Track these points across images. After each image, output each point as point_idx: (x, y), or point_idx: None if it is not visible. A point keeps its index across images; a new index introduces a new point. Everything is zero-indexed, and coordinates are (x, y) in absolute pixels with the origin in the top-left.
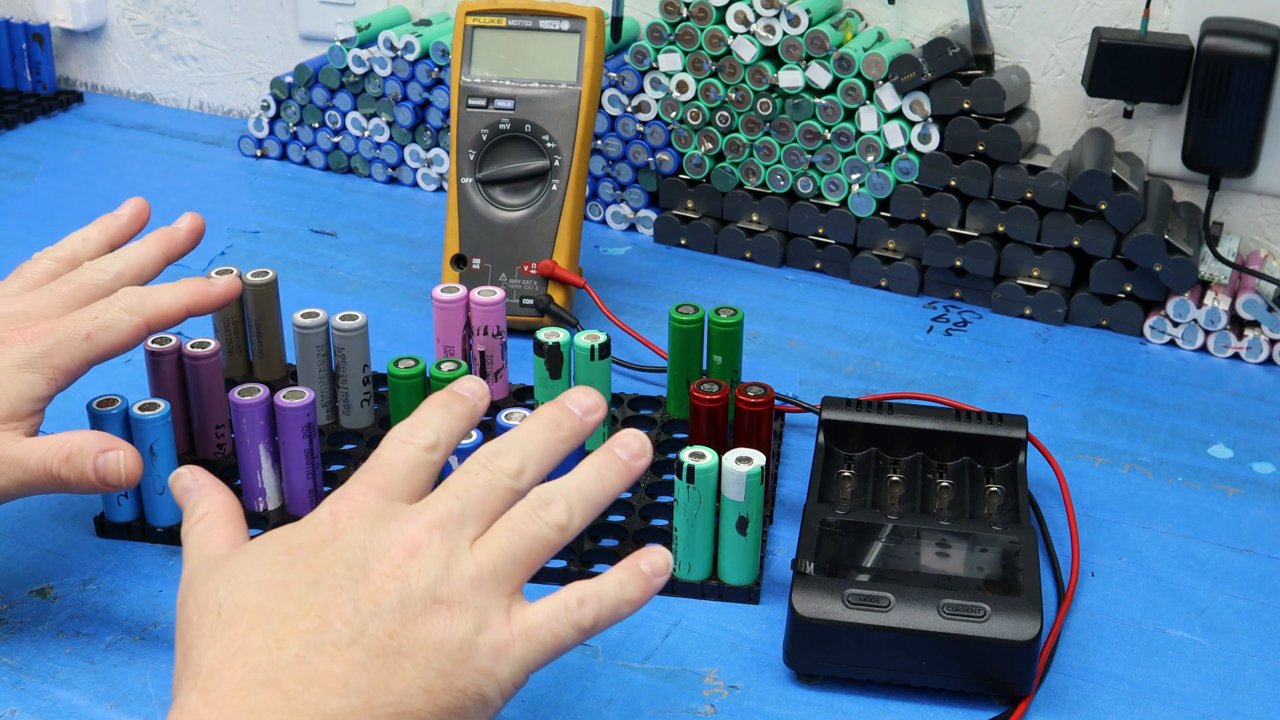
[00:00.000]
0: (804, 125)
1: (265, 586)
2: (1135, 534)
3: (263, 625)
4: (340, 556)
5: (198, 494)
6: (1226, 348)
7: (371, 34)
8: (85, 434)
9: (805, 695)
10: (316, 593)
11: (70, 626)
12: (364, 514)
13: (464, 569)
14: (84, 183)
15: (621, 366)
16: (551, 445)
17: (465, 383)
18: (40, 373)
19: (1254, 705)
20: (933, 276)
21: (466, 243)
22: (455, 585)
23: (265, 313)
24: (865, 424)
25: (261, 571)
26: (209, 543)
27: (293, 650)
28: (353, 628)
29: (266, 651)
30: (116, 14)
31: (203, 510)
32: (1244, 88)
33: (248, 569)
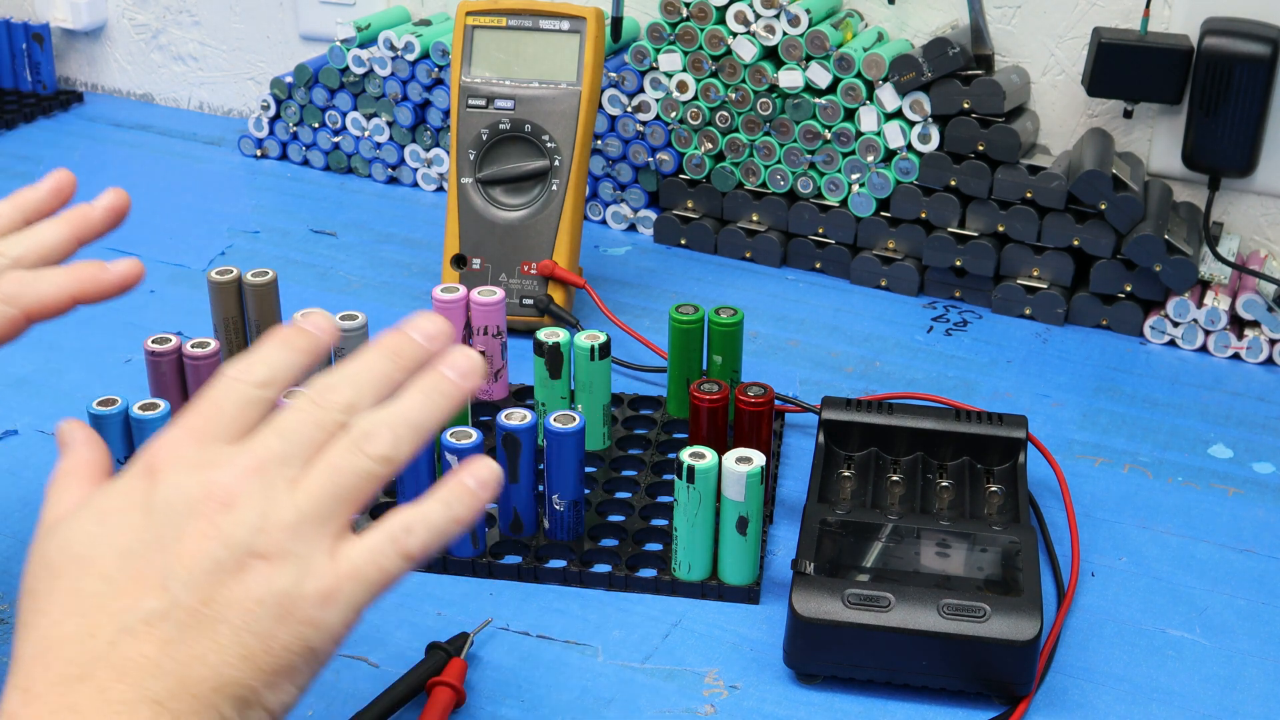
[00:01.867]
0: (804, 125)
1: (77, 562)
2: (1135, 534)
3: (74, 611)
4: (154, 517)
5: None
6: (1226, 348)
7: (371, 34)
8: None
9: (805, 695)
10: (128, 564)
11: None
12: (179, 464)
13: (283, 515)
14: (84, 183)
15: (621, 366)
16: (389, 376)
17: (313, 316)
18: None
19: (1254, 705)
20: (933, 276)
21: (466, 243)
22: (273, 535)
23: (265, 313)
24: (865, 424)
25: (74, 546)
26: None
27: (105, 636)
28: (164, 600)
29: (79, 641)
30: (116, 14)
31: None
32: (1244, 88)
33: (63, 542)
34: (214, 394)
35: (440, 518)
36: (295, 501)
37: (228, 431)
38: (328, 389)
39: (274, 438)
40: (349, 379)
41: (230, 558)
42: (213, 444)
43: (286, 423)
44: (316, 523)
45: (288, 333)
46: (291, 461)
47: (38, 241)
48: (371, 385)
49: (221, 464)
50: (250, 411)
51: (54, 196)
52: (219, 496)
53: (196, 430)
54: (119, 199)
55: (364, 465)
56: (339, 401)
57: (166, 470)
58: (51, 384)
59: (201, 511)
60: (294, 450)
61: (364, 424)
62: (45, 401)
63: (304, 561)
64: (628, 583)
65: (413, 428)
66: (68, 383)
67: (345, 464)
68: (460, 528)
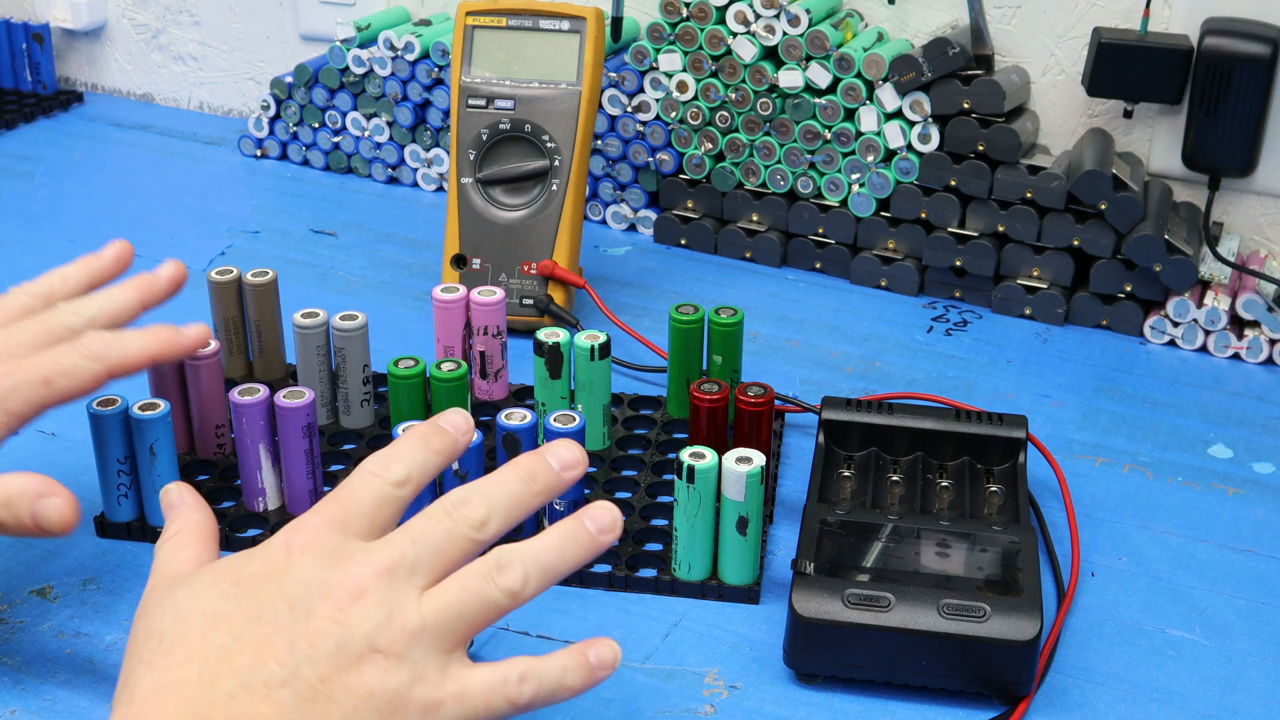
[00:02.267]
0: (804, 125)
1: (208, 617)
2: (1135, 534)
3: (199, 657)
4: (285, 592)
5: (176, 510)
6: (1226, 348)
7: (371, 34)
8: (23, 477)
9: (805, 695)
10: (256, 628)
11: (70, 626)
12: (316, 549)
13: (407, 620)
14: (84, 183)
15: (621, 366)
16: (522, 499)
17: (450, 416)
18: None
19: (1254, 705)
20: (933, 276)
21: (466, 243)
22: (395, 635)
23: (265, 313)
24: (865, 424)
25: (208, 600)
26: (173, 562)
27: (225, 687)
28: (286, 669)
29: (200, 685)
30: (116, 14)
31: (175, 528)
32: (1244, 88)
33: (196, 596)
34: (354, 486)
35: (553, 680)
36: (422, 610)
37: (363, 526)
38: (462, 502)
39: (407, 543)
40: (483, 495)
41: (353, 646)
42: (348, 536)
43: (420, 530)
44: (436, 636)
45: (427, 430)
46: (420, 570)
47: (111, 305)
48: (504, 506)
49: (356, 558)
50: (386, 509)
51: (116, 264)
52: (351, 587)
53: (335, 520)
54: (179, 270)
55: (493, 595)
56: (472, 518)
57: (305, 552)
58: None
59: (332, 597)
60: (424, 559)
61: (501, 555)
62: None
63: (419, 668)
64: (628, 583)
65: (544, 570)
66: None
67: (476, 588)
68: (569, 695)
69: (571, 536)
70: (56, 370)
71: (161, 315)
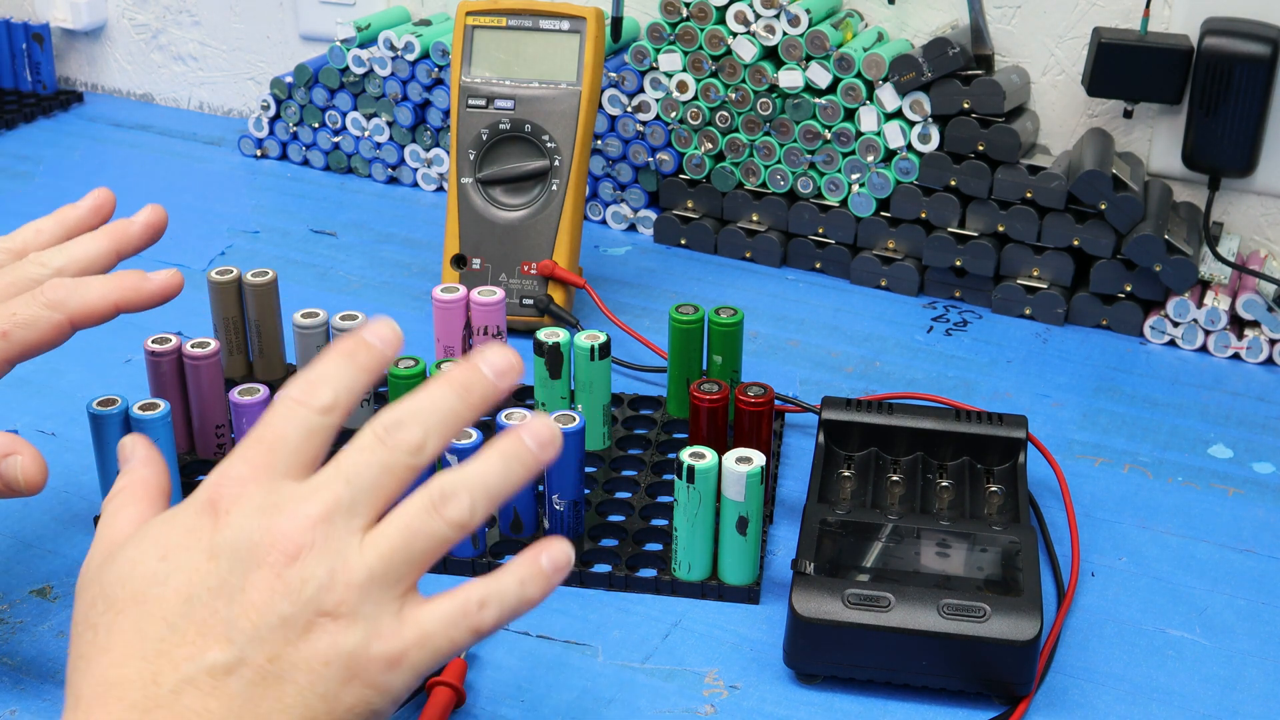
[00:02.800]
0: (804, 125)
1: (139, 601)
2: (1135, 534)
3: (136, 654)
4: (217, 563)
5: (125, 467)
6: (1226, 348)
7: (371, 34)
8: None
9: (805, 695)
10: (191, 610)
11: (70, 626)
12: (243, 503)
13: (352, 572)
14: (84, 183)
15: (621, 366)
16: (459, 413)
17: (376, 327)
18: None
19: (1254, 705)
20: (933, 276)
21: (466, 243)
22: (342, 593)
23: (265, 313)
24: (865, 424)
25: (136, 582)
26: (112, 525)
27: (168, 684)
28: (229, 653)
29: (142, 686)
30: (116, 14)
31: (120, 484)
32: (1244, 88)
33: (123, 576)
34: (276, 420)
35: (514, 597)
36: (365, 560)
37: (292, 465)
38: (395, 426)
39: (341, 483)
40: (417, 415)
41: (298, 615)
42: (277, 480)
43: (353, 465)
44: (386, 584)
45: (350, 346)
46: (358, 509)
47: (80, 252)
48: (440, 423)
49: (287, 509)
50: (315, 440)
51: (94, 214)
52: (285, 547)
53: (260, 464)
54: (156, 215)
55: (439, 529)
56: (408, 441)
57: (231, 509)
58: (51, 384)
59: (267, 561)
60: (361, 496)
61: (444, 484)
62: (45, 401)
63: (372, 623)
64: (628, 583)
65: (490, 494)
66: (68, 382)
67: (421, 526)
68: (530, 607)
69: (513, 454)
70: (15, 322)
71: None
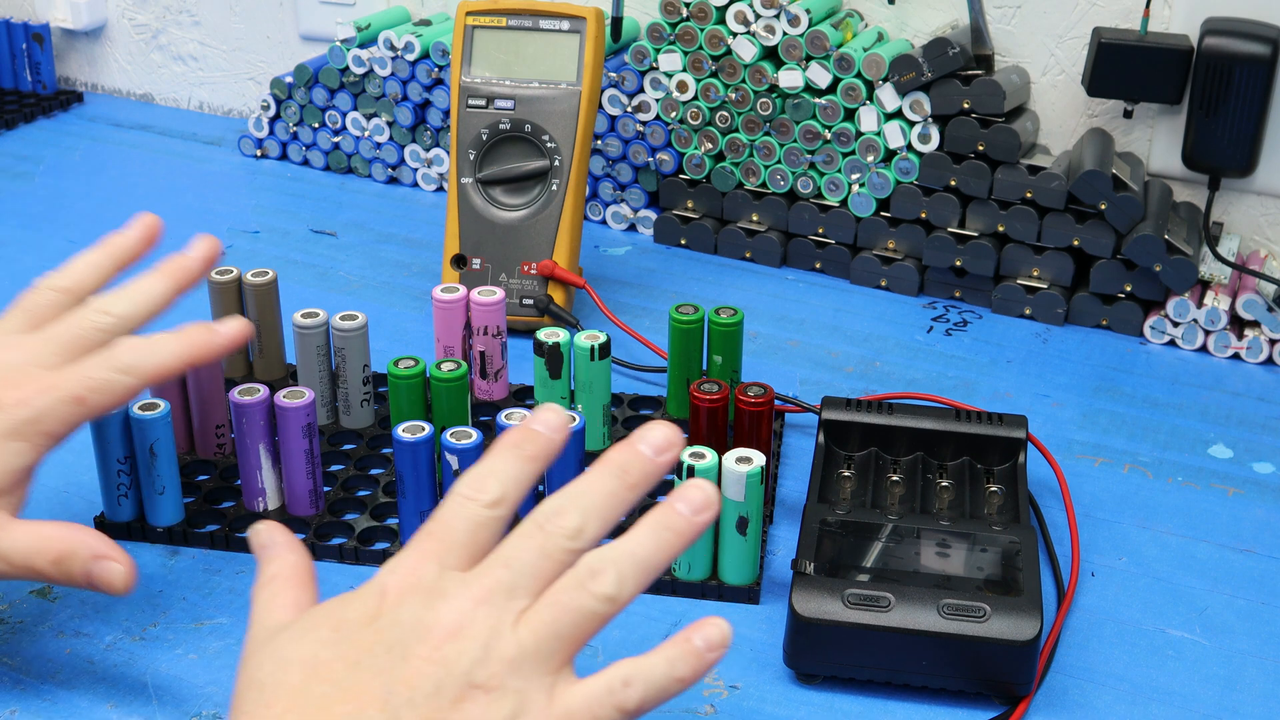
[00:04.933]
0: (804, 125)
1: (307, 665)
2: (1135, 534)
3: (299, 708)
4: (383, 636)
5: (270, 552)
6: (1226, 348)
7: (371, 34)
8: (76, 533)
9: (805, 695)
10: (355, 675)
11: (70, 626)
12: (413, 590)
13: (505, 649)
14: (84, 183)
15: (621, 366)
16: (618, 496)
17: (544, 414)
18: (27, 440)
19: (1254, 705)
20: (933, 276)
21: (466, 243)
22: (494, 668)
23: (265, 313)
24: (865, 424)
25: (306, 648)
26: (272, 608)
27: None
28: (385, 714)
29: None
30: (116, 14)
31: (272, 571)
32: (1244, 88)
33: (295, 644)
34: (447, 514)
35: (662, 676)
36: (518, 636)
37: (461, 557)
38: (555, 514)
39: (501, 568)
40: (575, 501)
41: (451, 685)
42: (445, 569)
43: (513, 551)
44: (537, 661)
45: (518, 437)
46: (518, 593)
47: (144, 299)
48: (599, 509)
49: (452, 594)
50: (482, 533)
51: (143, 242)
52: (448, 626)
53: (430, 555)
54: (212, 247)
55: (589, 605)
56: (566, 528)
57: (400, 593)
58: None
59: (428, 638)
60: (520, 581)
61: (591, 561)
62: None
63: (522, 699)
64: None
65: (640, 567)
66: None
67: (570, 602)
68: (681, 687)
69: (664, 525)
70: (89, 387)
71: None
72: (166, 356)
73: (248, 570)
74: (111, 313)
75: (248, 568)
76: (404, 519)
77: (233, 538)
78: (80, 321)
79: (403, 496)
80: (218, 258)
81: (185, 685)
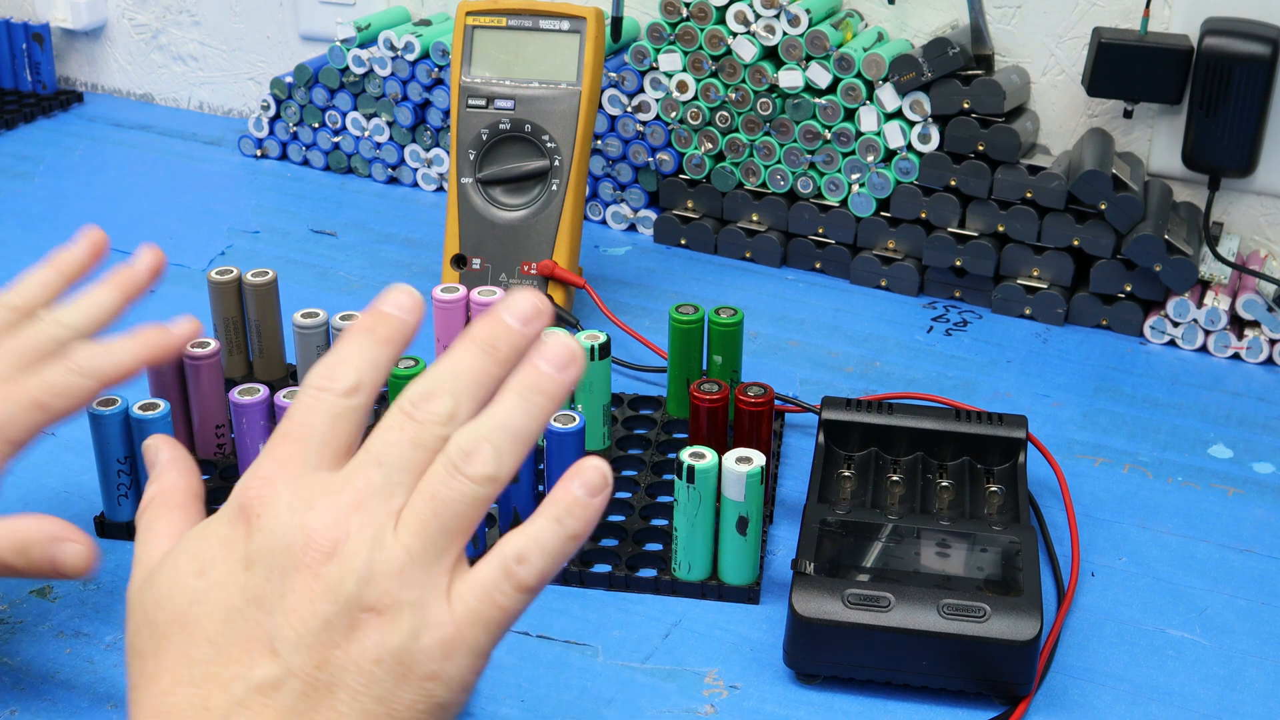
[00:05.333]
0: (804, 125)
1: (180, 623)
2: (1135, 534)
3: (186, 679)
4: (254, 572)
5: (153, 472)
6: (1226, 348)
7: (371, 34)
8: (36, 520)
9: (805, 695)
10: (233, 626)
11: (70, 626)
12: (275, 506)
13: (389, 560)
14: (84, 183)
15: (621, 366)
16: (488, 373)
17: (393, 295)
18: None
19: (1254, 705)
20: (933, 276)
21: (466, 243)
22: (383, 584)
23: (265, 313)
24: (865, 424)
25: (176, 602)
26: (148, 543)
27: (219, 708)
28: (276, 667)
29: (193, 713)
30: (116, 14)
31: (150, 493)
32: (1244, 88)
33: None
34: (300, 412)
35: (554, 538)
36: (402, 543)
37: (320, 455)
38: (423, 398)
39: (373, 466)
40: (445, 383)
41: (340, 615)
42: (308, 473)
43: (383, 445)
44: (426, 563)
45: (369, 321)
46: (394, 491)
47: (95, 309)
48: (470, 388)
49: (319, 503)
50: (342, 426)
51: (90, 257)
52: (320, 544)
53: (288, 459)
54: (156, 258)
55: (469, 490)
56: (438, 413)
57: (263, 513)
58: None
59: (304, 562)
60: (395, 477)
61: (463, 441)
62: None
63: (418, 610)
64: (628, 583)
65: (515, 438)
66: None
67: (449, 493)
68: (576, 544)
69: (533, 388)
70: (49, 391)
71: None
72: (123, 357)
73: None
74: (63, 323)
75: None
76: None
77: None
78: (34, 333)
79: None
80: (163, 267)
81: None
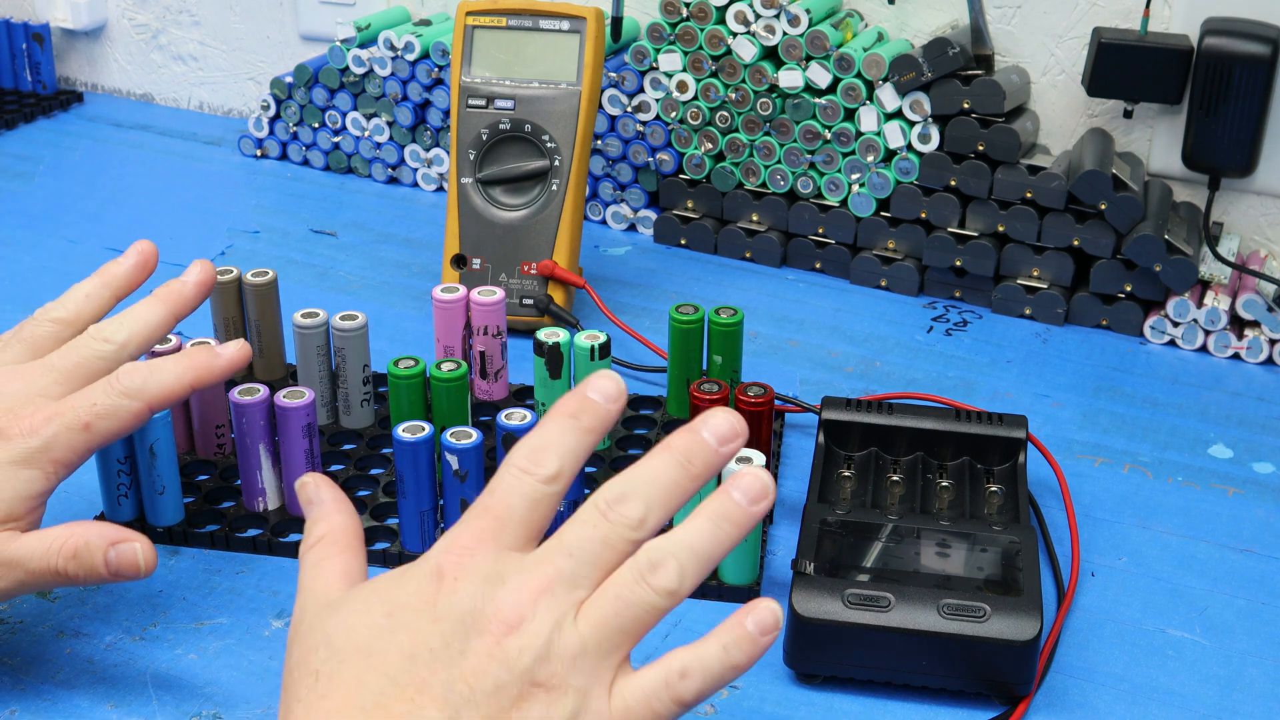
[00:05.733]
0: (804, 125)
1: (363, 653)
2: (1135, 534)
3: (355, 703)
4: (440, 626)
5: (317, 510)
6: (1226, 348)
7: (371, 34)
8: (89, 526)
9: (805, 695)
10: (412, 668)
11: (70, 626)
12: (470, 574)
13: (566, 645)
14: (84, 183)
15: (621, 366)
16: (680, 485)
17: (598, 382)
18: (39, 468)
19: (1254, 705)
20: (933, 276)
21: (466, 243)
22: (555, 665)
23: (265, 313)
24: (865, 424)
25: (360, 635)
26: (320, 576)
27: None
28: (445, 714)
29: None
30: (116, 14)
31: (319, 533)
32: (1244, 88)
33: (349, 628)
34: (503, 489)
35: (718, 664)
36: (580, 630)
37: (516, 536)
38: (618, 500)
39: (563, 556)
40: (639, 489)
41: (512, 684)
42: (503, 550)
43: (575, 538)
44: (598, 656)
45: (574, 406)
46: (579, 583)
47: (141, 325)
48: (661, 497)
49: (510, 580)
50: (540, 510)
51: (139, 270)
52: (506, 617)
53: (486, 534)
54: (206, 273)
55: (649, 599)
56: (630, 517)
57: (458, 577)
58: None
59: (488, 629)
60: (582, 571)
61: (652, 553)
62: None
63: (582, 696)
64: None
65: (699, 559)
66: None
67: (631, 596)
68: (737, 674)
69: (723, 515)
70: (96, 413)
71: None
72: (170, 379)
73: (248, 570)
74: (112, 340)
75: (248, 568)
76: (404, 519)
77: (233, 538)
78: (81, 350)
79: (403, 497)
80: (212, 283)
81: (185, 685)
